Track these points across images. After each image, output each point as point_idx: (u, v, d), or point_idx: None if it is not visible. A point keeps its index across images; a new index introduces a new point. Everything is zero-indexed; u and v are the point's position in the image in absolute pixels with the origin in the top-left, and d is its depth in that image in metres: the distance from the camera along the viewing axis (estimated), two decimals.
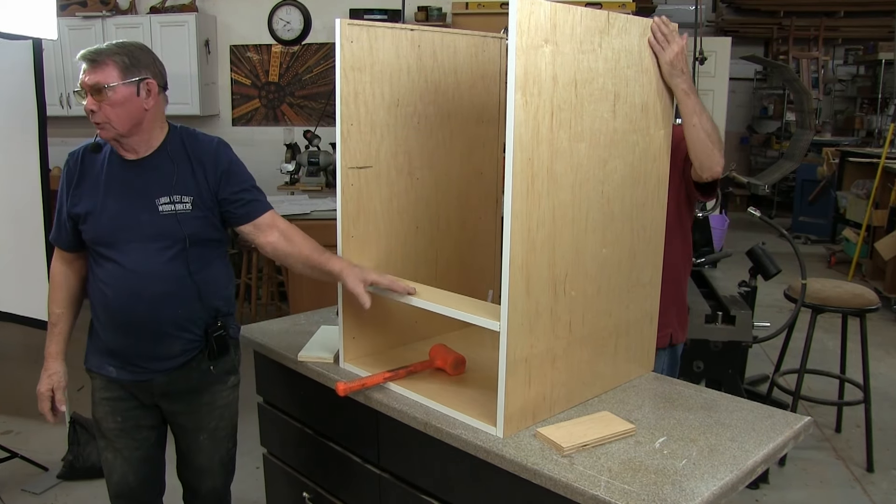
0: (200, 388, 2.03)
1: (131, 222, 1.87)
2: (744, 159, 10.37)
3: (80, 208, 1.89)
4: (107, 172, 1.90)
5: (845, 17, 9.68)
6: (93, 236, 1.90)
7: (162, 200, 1.88)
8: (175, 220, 1.89)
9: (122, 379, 1.97)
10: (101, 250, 1.90)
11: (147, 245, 1.88)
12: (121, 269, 1.88)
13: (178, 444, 2.13)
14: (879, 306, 3.29)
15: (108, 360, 1.97)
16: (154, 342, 1.93)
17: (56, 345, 2.01)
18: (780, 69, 8.79)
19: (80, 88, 1.82)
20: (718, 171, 1.93)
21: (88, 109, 1.81)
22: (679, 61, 1.76)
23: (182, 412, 2.04)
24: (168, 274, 1.89)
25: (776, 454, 1.59)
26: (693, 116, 1.82)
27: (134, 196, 1.88)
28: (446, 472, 1.69)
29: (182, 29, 5.93)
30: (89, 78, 1.80)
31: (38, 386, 1.99)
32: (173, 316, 1.91)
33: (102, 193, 1.88)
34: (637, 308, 1.87)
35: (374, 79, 1.85)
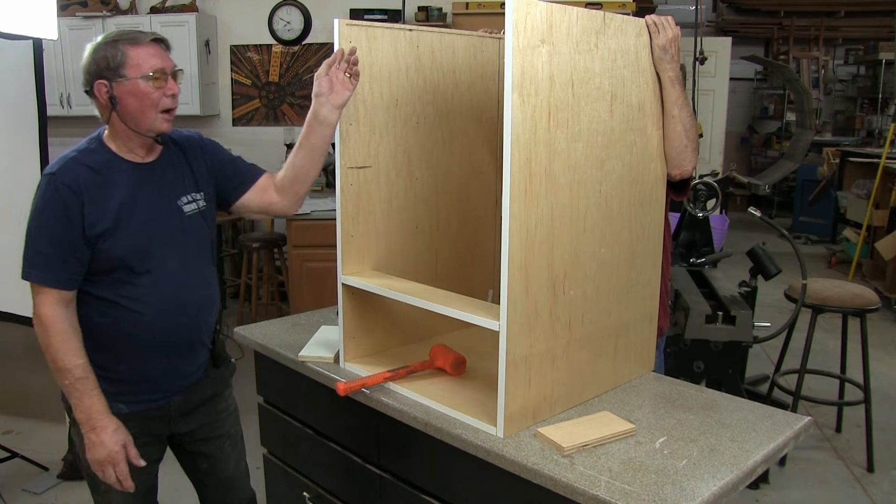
0: (214, 396, 1.96)
1: (162, 228, 1.74)
2: (744, 159, 10.38)
3: (101, 227, 1.67)
4: (121, 181, 1.71)
5: (846, 17, 9.69)
6: (123, 252, 1.69)
7: (184, 200, 1.79)
8: (199, 219, 1.82)
9: (135, 412, 1.79)
10: (134, 265, 1.71)
11: (181, 249, 1.77)
12: (160, 281, 1.72)
13: (198, 466, 2.00)
14: (880, 306, 3.29)
15: (115, 396, 1.75)
16: (187, 357, 1.83)
17: (99, 399, 1.68)
18: (781, 69, 8.80)
19: (161, 69, 1.67)
20: (689, 171, 1.91)
21: (176, 93, 1.70)
22: (671, 47, 1.76)
23: (203, 425, 1.95)
24: (206, 278, 1.82)
25: (776, 454, 1.59)
26: (674, 107, 1.81)
27: (157, 200, 1.75)
28: (446, 472, 1.69)
29: (182, 29, 5.93)
30: (168, 62, 1.68)
31: (106, 448, 1.66)
32: (208, 324, 1.86)
33: (126, 204, 1.70)
34: (636, 308, 1.87)
35: (372, 79, 1.85)
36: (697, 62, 5.37)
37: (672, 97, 1.81)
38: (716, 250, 3.79)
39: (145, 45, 1.66)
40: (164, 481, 2.09)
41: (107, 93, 1.66)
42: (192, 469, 2.03)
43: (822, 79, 9.67)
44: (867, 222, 6.38)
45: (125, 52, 1.64)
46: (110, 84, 1.66)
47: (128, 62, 1.64)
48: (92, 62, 1.67)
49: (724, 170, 4.93)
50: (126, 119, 1.68)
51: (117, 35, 1.68)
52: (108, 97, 1.66)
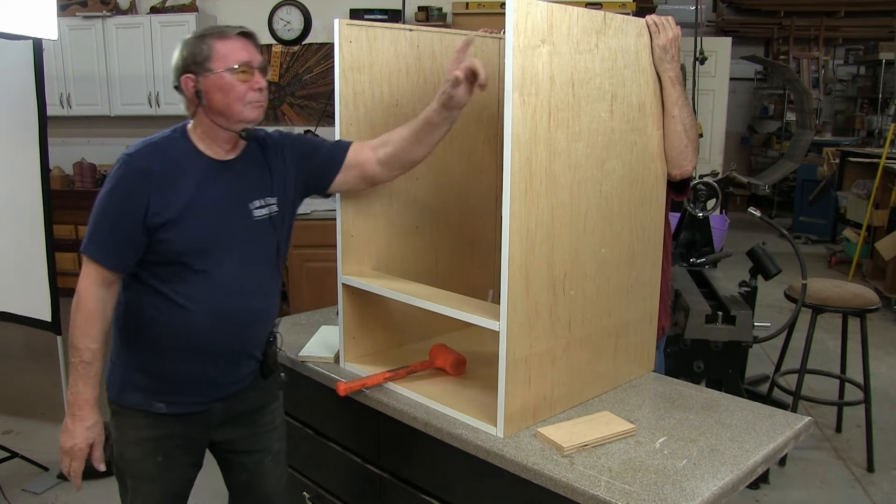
0: (259, 407, 1.87)
1: (226, 229, 1.69)
2: (744, 159, 10.37)
3: (167, 216, 1.62)
4: (192, 175, 1.67)
5: (846, 17, 9.69)
6: (181, 247, 1.65)
7: (255, 204, 1.73)
8: (268, 225, 1.75)
9: (173, 413, 1.74)
10: (191, 262, 1.66)
11: (243, 255, 1.71)
12: (215, 283, 1.67)
13: (237, 478, 1.92)
14: (880, 306, 3.29)
15: (155, 394, 1.72)
16: (233, 366, 1.77)
17: (93, 390, 1.66)
18: (781, 69, 8.80)
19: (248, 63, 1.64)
20: (689, 171, 1.91)
21: (262, 86, 1.66)
22: (672, 47, 1.76)
23: (244, 436, 1.86)
24: (265, 287, 1.76)
25: (776, 454, 1.59)
26: (674, 107, 1.82)
27: (228, 200, 1.70)
28: (446, 472, 1.69)
29: (182, 29, 5.92)
30: (257, 57, 1.66)
31: (73, 440, 1.67)
32: (260, 335, 1.79)
33: (195, 197, 1.65)
34: (637, 308, 1.87)
35: (373, 79, 1.85)
36: (697, 62, 5.37)
37: (672, 97, 1.81)
38: (716, 250, 3.79)
39: (232, 38, 1.64)
40: None
41: (193, 87, 1.64)
42: (230, 480, 1.95)
43: (822, 79, 9.67)
44: (867, 222, 6.38)
45: (212, 46, 1.62)
46: (197, 78, 1.64)
47: (214, 55, 1.62)
48: (180, 58, 1.66)
49: (724, 170, 4.93)
50: (212, 113, 1.66)
51: (205, 30, 1.66)
52: (194, 91, 1.64)
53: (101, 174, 6.10)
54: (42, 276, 3.19)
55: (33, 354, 4.73)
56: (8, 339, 4.86)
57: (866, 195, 6.62)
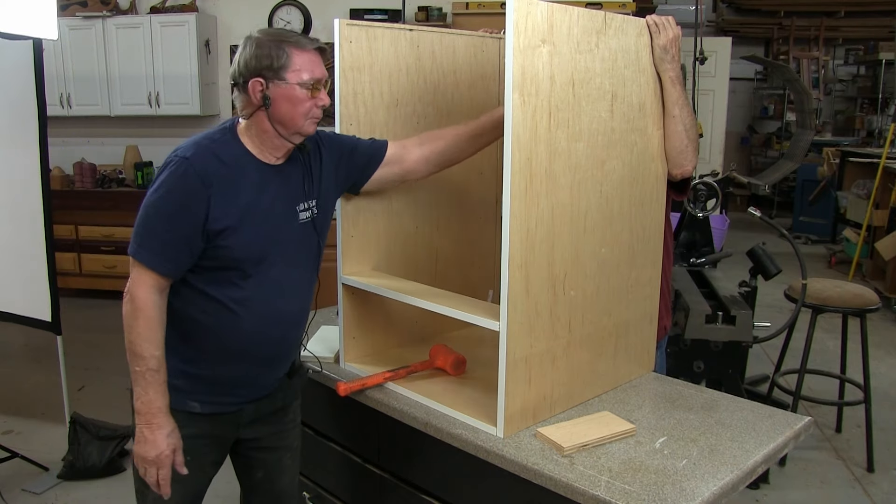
0: (285, 406, 1.89)
1: (279, 234, 1.69)
2: (744, 159, 10.38)
3: (224, 223, 1.61)
4: (247, 180, 1.65)
5: (846, 17, 9.69)
6: (241, 254, 1.64)
7: (300, 207, 1.73)
8: (310, 228, 1.75)
9: (206, 413, 1.74)
10: (248, 268, 1.65)
11: (291, 259, 1.72)
12: (264, 288, 1.68)
13: (254, 474, 1.93)
14: (880, 306, 3.29)
15: (189, 394, 1.71)
16: (274, 368, 1.78)
17: (164, 396, 1.62)
18: (781, 69, 8.80)
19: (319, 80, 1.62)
20: (689, 170, 1.92)
21: (324, 105, 1.65)
22: (672, 47, 1.77)
23: (269, 434, 1.88)
24: (306, 290, 1.77)
25: (777, 454, 1.59)
26: (675, 107, 1.82)
27: (279, 204, 1.69)
28: (446, 472, 1.69)
29: (182, 29, 5.93)
30: (325, 72, 1.63)
31: (157, 449, 1.62)
32: (297, 338, 1.82)
33: (249, 204, 1.64)
34: (637, 308, 1.87)
35: (373, 79, 1.85)
36: (697, 62, 5.37)
37: (673, 97, 1.81)
38: (716, 250, 3.79)
39: (309, 51, 1.62)
40: None
41: (261, 91, 1.61)
42: (246, 476, 1.95)
43: (822, 79, 9.67)
44: (867, 222, 6.38)
45: (290, 55, 1.60)
46: (267, 83, 1.61)
47: (290, 66, 1.60)
48: (253, 57, 1.61)
49: (724, 170, 4.93)
50: (274, 120, 1.64)
51: (281, 35, 1.63)
52: (261, 96, 1.61)
53: (101, 174, 6.11)
54: (42, 276, 3.20)
55: (33, 354, 4.73)
56: (8, 339, 4.86)
57: (866, 195, 6.62)
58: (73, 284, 5.84)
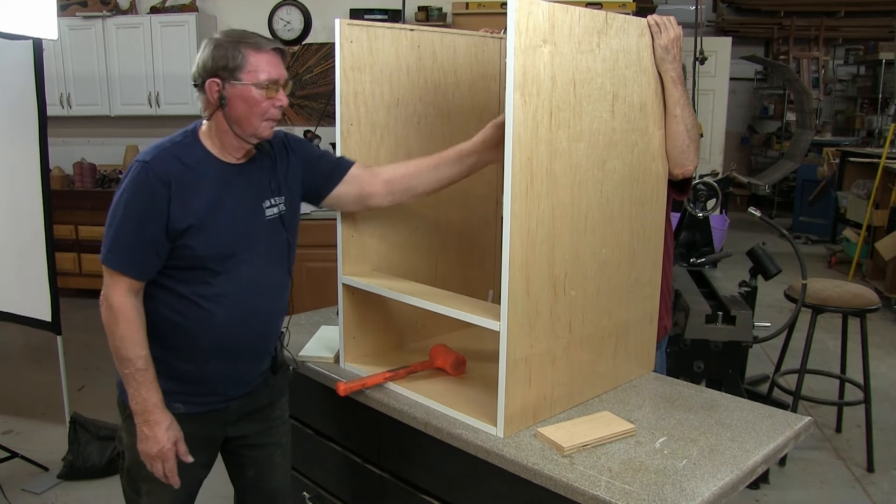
0: (271, 402, 1.91)
1: (245, 230, 1.72)
2: (744, 159, 10.38)
3: (186, 223, 1.64)
4: (209, 179, 1.68)
5: (845, 17, 9.69)
6: (206, 252, 1.66)
7: (266, 204, 1.76)
8: (278, 224, 1.78)
9: (192, 413, 1.75)
10: (215, 266, 1.68)
11: (261, 255, 1.74)
12: (236, 284, 1.70)
13: (245, 473, 1.94)
14: (880, 306, 3.29)
15: (174, 395, 1.72)
16: (253, 363, 1.81)
17: (157, 392, 1.66)
18: (781, 69, 8.80)
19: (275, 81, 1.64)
20: (690, 170, 1.92)
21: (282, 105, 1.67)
22: (673, 47, 1.77)
23: (256, 431, 1.90)
24: (281, 286, 1.79)
25: (777, 454, 1.59)
26: (676, 107, 1.82)
27: (244, 202, 1.73)
28: (446, 472, 1.69)
29: (182, 29, 5.93)
30: (283, 72, 1.66)
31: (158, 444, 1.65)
32: (276, 332, 1.84)
33: (211, 203, 1.67)
34: (637, 308, 1.87)
35: (373, 79, 1.85)
36: (697, 62, 5.37)
37: (674, 97, 1.81)
38: (716, 250, 3.79)
39: (266, 52, 1.64)
40: None
41: (218, 91, 1.64)
42: (238, 476, 1.97)
43: (822, 79, 9.67)
44: (867, 222, 6.38)
45: (245, 56, 1.62)
46: (223, 84, 1.63)
47: (246, 66, 1.62)
48: (210, 58, 1.64)
49: (724, 170, 4.93)
50: (230, 121, 1.66)
51: (240, 36, 1.65)
52: (218, 96, 1.64)
53: (101, 174, 6.11)
54: (42, 276, 3.20)
55: (33, 354, 4.73)
56: (8, 339, 4.86)
57: (866, 195, 6.62)
58: (73, 284, 5.84)
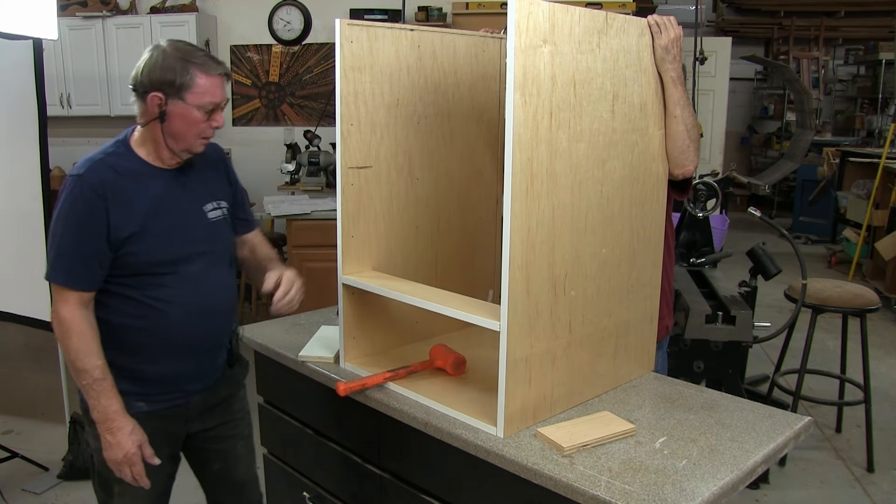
0: (231, 396, 1.99)
1: (188, 233, 1.77)
2: (744, 159, 10.38)
3: (127, 231, 1.67)
4: (148, 186, 1.72)
5: (846, 17, 9.69)
6: (148, 258, 1.71)
7: (208, 207, 1.83)
8: (220, 227, 1.85)
9: (154, 411, 1.80)
10: (160, 269, 1.73)
11: (204, 258, 1.80)
12: (186, 283, 1.75)
13: (211, 466, 2.01)
14: (880, 306, 3.29)
15: (135, 396, 1.77)
16: (209, 359, 1.87)
17: (116, 399, 1.69)
18: (781, 69, 8.80)
19: (217, 105, 1.71)
20: (691, 170, 1.92)
21: (218, 126, 1.73)
22: (674, 47, 1.77)
23: (218, 425, 1.97)
24: (224, 284, 1.85)
25: (776, 454, 1.59)
26: (676, 107, 1.82)
27: (184, 207, 1.78)
28: (446, 472, 1.69)
29: (182, 29, 5.94)
30: (225, 96, 1.72)
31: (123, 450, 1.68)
32: (228, 327, 1.91)
33: (154, 208, 1.71)
34: (637, 308, 1.87)
35: (373, 79, 1.85)
36: (697, 62, 5.38)
37: (674, 97, 1.81)
38: (716, 250, 3.79)
39: (214, 76, 1.67)
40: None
41: (159, 106, 1.66)
42: (203, 471, 2.03)
43: (822, 79, 9.67)
44: (867, 222, 6.38)
45: (193, 77, 1.65)
46: (166, 99, 1.65)
47: (192, 87, 1.65)
48: (157, 69, 1.65)
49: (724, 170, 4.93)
50: (166, 134, 1.69)
51: (189, 54, 1.67)
52: (158, 110, 1.67)
53: None
54: (42, 276, 3.19)
55: (33, 354, 4.73)
56: (8, 339, 4.86)
57: (866, 195, 6.62)
58: None
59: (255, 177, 5.60)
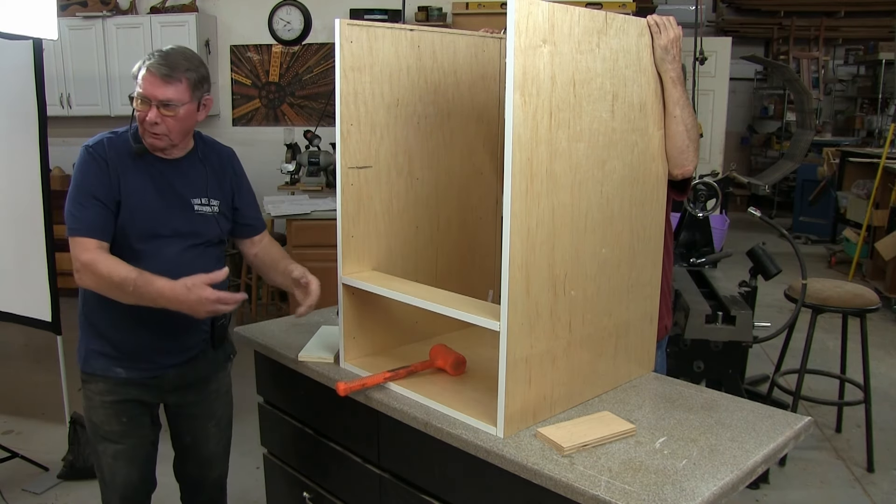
0: (208, 376, 2.12)
1: (170, 218, 1.92)
2: (744, 159, 10.38)
3: (118, 199, 1.87)
4: (142, 168, 1.90)
5: (845, 17, 9.69)
6: (130, 230, 1.88)
7: (196, 201, 1.96)
8: (207, 220, 1.98)
9: (131, 378, 1.98)
10: (135, 244, 1.89)
11: (181, 241, 1.93)
12: (156, 263, 1.86)
13: (182, 439, 2.16)
14: (880, 306, 3.29)
15: (114, 361, 1.96)
16: (178, 335, 1.98)
17: (161, 279, 1.76)
18: (781, 69, 8.80)
19: (144, 97, 1.82)
20: (690, 170, 1.92)
21: (152, 121, 1.83)
22: (673, 47, 1.77)
23: (193, 402, 2.10)
24: (198, 268, 1.89)
25: (777, 454, 1.59)
26: (676, 107, 1.82)
27: (171, 194, 1.93)
28: (446, 472, 1.69)
29: (182, 29, 5.94)
30: (160, 92, 1.82)
31: (195, 302, 1.74)
32: None
33: (140, 187, 1.89)
34: (637, 308, 1.87)
35: (373, 79, 1.85)
36: (697, 62, 5.38)
37: (674, 97, 1.81)
38: (716, 250, 3.79)
39: (150, 72, 1.82)
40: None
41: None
42: (174, 441, 2.18)
43: (822, 79, 9.67)
44: (867, 222, 6.38)
45: (140, 71, 1.84)
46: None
47: (137, 80, 1.84)
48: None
49: (724, 170, 4.93)
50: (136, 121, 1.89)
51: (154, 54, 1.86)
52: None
53: None
54: (42, 276, 3.20)
55: (33, 354, 4.74)
56: (8, 339, 4.86)
57: (866, 195, 6.62)
58: (73, 284, 5.81)
59: (255, 177, 5.54)
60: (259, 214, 2.18)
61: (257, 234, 2.15)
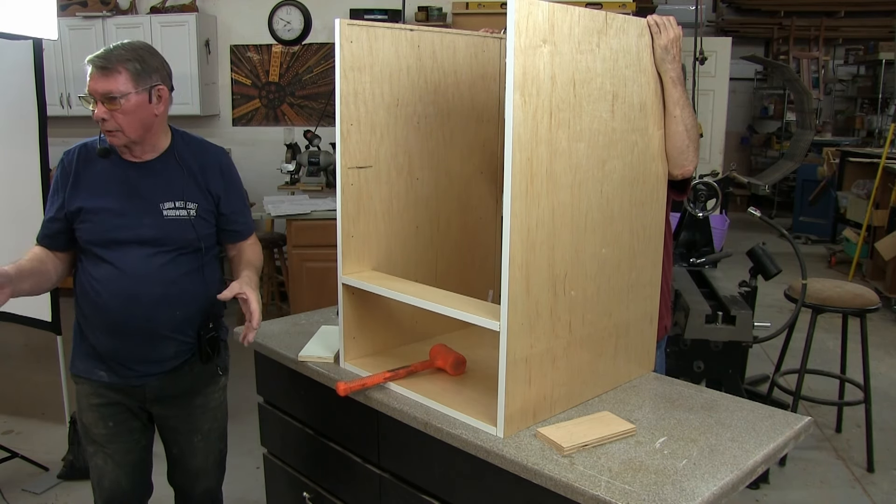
0: (193, 390, 2.06)
1: (132, 224, 1.86)
2: (744, 159, 10.38)
3: (78, 205, 1.85)
4: (108, 172, 1.87)
5: (846, 17, 9.69)
6: (90, 236, 1.86)
7: (167, 205, 1.90)
8: (179, 225, 1.90)
9: (113, 383, 1.96)
10: (98, 251, 1.87)
11: (146, 248, 1.87)
12: (117, 271, 1.85)
13: (170, 449, 2.13)
14: (880, 306, 3.29)
15: (97, 364, 1.95)
16: (148, 345, 1.93)
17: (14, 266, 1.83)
18: (781, 69, 8.80)
19: (89, 94, 1.79)
20: (690, 170, 1.92)
21: (99, 118, 1.79)
22: (673, 47, 1.77)
23: (175, 416, 2.06)
24: (165, 277, 1.89)
25: (777, 454, 1.59)
26: (676, 107, 1.82)
27: (136, 198, 1.88)
28: (446, 472, 1.69)
29: (182, 29, 5.93)
30: (101, 86, 1.77)
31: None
32: (170, 319, 1.93)
33: (103, 193, 1.86)
34: (637, 308, 1.87)
35: (373, 79, 1.85)
36: (697, 62, 5.38)
37: (674, 97, 1.81)
38: (716, 250, 3.79)
39: (93, 70, 1.78)
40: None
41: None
42: (167, 451, 2.16)
43: (822, 79, 9.68)
44: (867, 222, 6.38)
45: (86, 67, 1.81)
46: None
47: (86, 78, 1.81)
48: None
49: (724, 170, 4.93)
50: None
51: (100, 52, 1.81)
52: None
53: None
54: None
55: (33, 354, 4.73)
56: (8, 339, 4.86)
57: (866, 195, 6.62)
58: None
59: (255, 177, 5.60)
60: (248, 219, 2.11)
61: (243, 241, 2.10)
